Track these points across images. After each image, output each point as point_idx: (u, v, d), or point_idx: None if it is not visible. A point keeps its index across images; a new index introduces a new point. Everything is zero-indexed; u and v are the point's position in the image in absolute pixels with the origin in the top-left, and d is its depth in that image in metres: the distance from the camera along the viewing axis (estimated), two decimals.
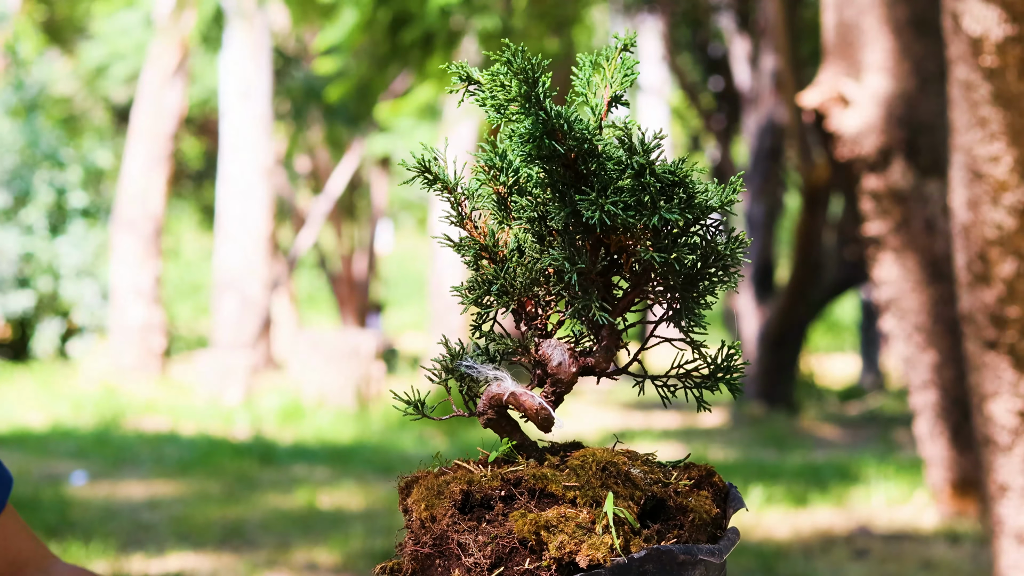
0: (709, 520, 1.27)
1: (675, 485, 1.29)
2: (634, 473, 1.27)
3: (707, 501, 1.29)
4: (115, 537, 6.07)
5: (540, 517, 1.22)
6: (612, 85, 1.42)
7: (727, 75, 16.02)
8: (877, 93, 6.66)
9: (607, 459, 1.28)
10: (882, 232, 6.65)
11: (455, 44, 9.99)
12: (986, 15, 3.41)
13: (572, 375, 1.33)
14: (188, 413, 11.97)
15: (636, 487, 1.26)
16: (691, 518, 1.26)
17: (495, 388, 1.33)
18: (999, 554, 3.99)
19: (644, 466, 1.30)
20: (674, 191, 1.30)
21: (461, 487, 1.27)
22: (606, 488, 1.25)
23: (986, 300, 3.84)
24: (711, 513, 1.28)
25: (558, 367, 1.33)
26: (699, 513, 1.27)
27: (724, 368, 1.40)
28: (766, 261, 14.11)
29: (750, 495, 7.33)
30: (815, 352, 18.96)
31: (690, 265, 1.31)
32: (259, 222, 15.40)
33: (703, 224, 1.32)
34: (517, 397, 1.32)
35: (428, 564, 1.25)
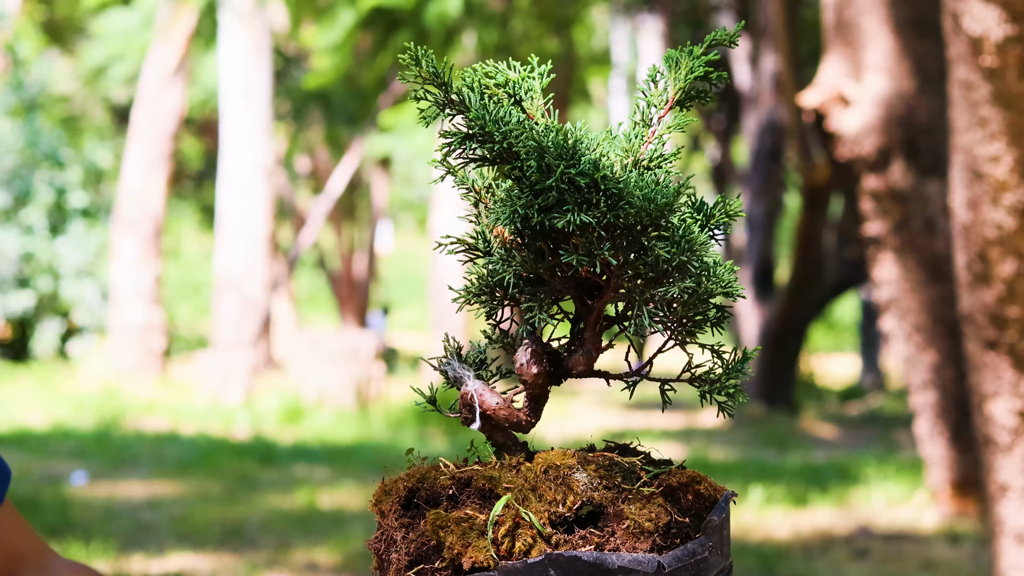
0: (652, 529, 1.25)
1: (628, 492, 1.27)
2: (576, 478, 1.27)
3: (655, 509, 1.26)
4: (115, 537, 6.07)
5: (443, 517, 1.23)
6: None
7: (727, 75, 15.99)
8: (877, 93, 6.66)
9: (557, 461, 1.28)
10: (882, 232, 6.65)
11: (453, 44, 10.00)
12: (986, 15, 3.41)
13: (533, 376, 1.33)
14: (188, 413, 11.97)
15: (571, 491, 1.26)
16: (625, 525, 1.25)
17: (462, 387, 1.36)
18: (999, 554, 3.99)
19: (602, 470, 1.28)
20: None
21: (408, 485, 1.29)
22: (537, 491, 1.25)
23: (986, 300, 3.85)
24: (657, 522, 1.25)
25: (520, 368, 1.34)
26: (636, 521, 1.25)
27: (730, 373, 1.38)
28: (766, 261, 14.11)
29: (750, 495, 7.33)
30: (815, 352, 18.96)
31: (652, 267, 1.31)
32: (259, 222, 15.40)
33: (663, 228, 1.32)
34: (479, 395, 1.34)
35: (382, 558, 1.28)
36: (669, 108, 1.40)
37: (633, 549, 1.24)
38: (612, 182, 1.28)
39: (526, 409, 1.35)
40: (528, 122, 1.32)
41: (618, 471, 1.30)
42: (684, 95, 1.41)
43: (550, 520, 1.24)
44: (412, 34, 9.59)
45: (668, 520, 1.26)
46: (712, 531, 1.27)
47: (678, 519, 1.27)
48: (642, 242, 1.30)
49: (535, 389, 1.34)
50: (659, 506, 1.27)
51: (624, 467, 1.31)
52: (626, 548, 1.24)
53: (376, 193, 23.00)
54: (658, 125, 1.39)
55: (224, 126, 15.63)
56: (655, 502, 1.27)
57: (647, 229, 1.30)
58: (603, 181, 1.27)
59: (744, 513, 6.91)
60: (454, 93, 1.34)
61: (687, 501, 1.29)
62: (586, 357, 1.35)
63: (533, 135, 1.29)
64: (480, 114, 1.32)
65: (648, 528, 1.25)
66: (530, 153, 1.28)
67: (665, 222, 1.29)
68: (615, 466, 1.30)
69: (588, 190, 1.28)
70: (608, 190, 1.28)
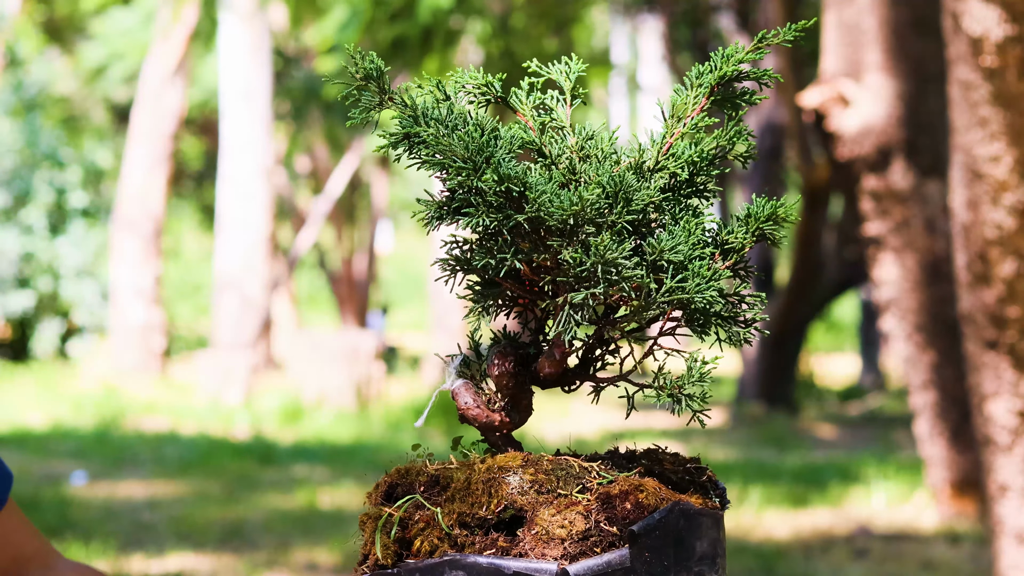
0: (564, 536, 1.24)
1: (555, 497, 1.26)
2: (507, 480, 1.27)
3: (571, 516, 1.25)
4: (115, 537, 6.07)
5: (376, 510, 1.29)
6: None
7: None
8: (877, 93, 6.66)
9: (501, 463, 1.29)
10: (882, 232, 6.65)
11: (454, 43, 10.00)
12: (986, 15, 3.41)
13: (496, 376, 1.35)
14: (188, 413, 11.97)
15: (496, 494, 1.26)
16: (535, 531, 1.24)
17: (444, 385, 1.37)
18: (999, 554, 3.99)
19: (541, 474, 1.28)
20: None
21: (391, 480, 1.32)
22: (468, 492, 1.28)
23: (986, 300, 3.84)
24: (570, 529, 1.24)
25: (487, 368, 1.35)
26: (545, 528, 1.24)
27: (689, 380, 1.35)
28: (766, 261, 14.11)
29: (750, 495, 7.33)
30: (815, 352, 18.96)
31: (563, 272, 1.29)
32: (259, 222, 15.40)
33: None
34: (454, 394, 1.36)
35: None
36: (701, 108, 1.40)
37: (542, 555, 1.23)
38: (521, 187, 1.27)
39: (502, 410, 1.36)
40: (458, 123, 1.33)
41: (561, 475, 1.29)
42: (718, 95, 1.41)
43: (468, 521, 1.25)
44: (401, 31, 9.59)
45: (586, 527, 1.25)
46: (640, 542, 1.23)
47: (604, 527, 1.25)
48: (552, 247, 1.28)
49: (503, 390, 1.35)
50: (577, 513, 1.25)
51: (572, 471, 1.30)
52: (534, 554, 1.23)
53: (376, 193, 23.00)
54: (680, 127, 1.39)
55: (224, 126, 15.62)
56: (574, 509, 1.25)
57: (554, 235, 1.28)
58: (512, 185, 1.27)
59: (744, 513, 6.91)
60: (400, 95, 1.35)
61: (623, 509, 1.27)
62: (549, 359, 1.35)
63: (454, 138, 1.30)
64: (408, 114, 1.33)
65: (559, 535, 1.24)
66: (444, 155, 1.30)
67: (582, 231, 1.27)
68: (560, 470, 1.29)
69: (494, 194, 1.28)
70: (511, 194, 1.27)
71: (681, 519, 1.26)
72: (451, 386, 1.37)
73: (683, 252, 1.30)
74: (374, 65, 1.36)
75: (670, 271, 1.29)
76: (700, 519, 1.27)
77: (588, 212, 1.27)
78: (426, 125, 1.33)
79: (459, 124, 1.34)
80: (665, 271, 1.30)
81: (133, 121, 16.45)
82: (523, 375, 1.36)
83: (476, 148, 1.29)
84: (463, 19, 9.91)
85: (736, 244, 1.34)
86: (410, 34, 9.51)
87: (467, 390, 1.36)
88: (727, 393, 15.54)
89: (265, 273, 15.39)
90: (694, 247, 1.32)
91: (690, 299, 1.30)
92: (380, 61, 1.37)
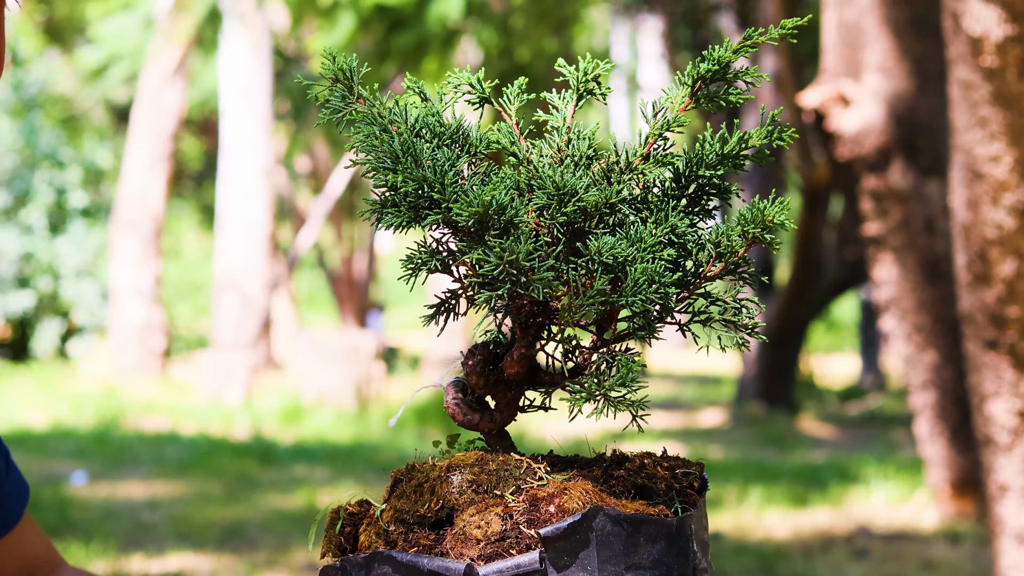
0: (481, 537, 1.25)
1: (485, 498, 1.28)
2: (451, 479, 1.30)
3: (489, 517, 1.27)
4: (115, 537, 6.07)
5: (340, 508, 1.36)
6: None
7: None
8: (877, 93, 6.66)
9: (458, 461, 1.32)
10: (882, 232, 6.65)
11: (452, 45, 10.00)
12: (986, 15, 3.41)
13: (467, 376, 1.36)
14: (188, 413, 11.97)
15: (434, 494, 1.29)
16: (455, 531, 1.27)
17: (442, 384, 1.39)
18: (999, 554, 3.99)
19: (483, 475, 1.30)
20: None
21: (398, 475, 1.36)
22: (419, 489, 1.31)
23: (986, 300, 3.84)
24: (486, 530, 1.26)
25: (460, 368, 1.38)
26: (464, 528, 1.26)
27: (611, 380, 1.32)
28: (766, 261, 14.11)
29: (750, 495, 7.33)
30: (815, 352, 18.96)
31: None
32: (259, 222, 15.40)
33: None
34: (445, 392, 1.38)
35: None
36: (685, 108, 1.41)
37: (460, 555, 1.25)
38: (439, 189, 1.30)
39: (481, 409, 1.36)
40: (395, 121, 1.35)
41: (504, 475, 1.30)
42: (699, 93, 1.41)
43: (407, 519, 1.29)
44: (413, 35, 9.59)
45: (502, 529, 1.26)
46: (557, 546, 1.23)
47: (524, 530, 1.25)
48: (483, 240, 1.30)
49: (476, 388, 1.36)
50: (495, 514, 1.26)
51: (516, 472, 1.30)
52: (453, 553, 1.25)
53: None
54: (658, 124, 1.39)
55: (224, 126, 15.63)
56: (493, 510, 1.26)
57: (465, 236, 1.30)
58: (430, 188, 1.30)
59: (744, 513, 6.91)
60: (370, 98, 1.38)
61: (546, 512, 1.27)
62: (509, 359, 1.36)
63: (384, 138, 1.33)
64: (367, 117, 1.36)
65: (475, 536, 1.26)
66: (374, 155, 1.33)
67: (495, 226, 1.28)
68: (504, 470, 1.30)
69: (416, 195, 1.31)
70: (430, 196, 1.30)
71: (609, 524, 1.25)
72: (442, 384, 1.38)
73: (620, 254, 1.29)
74: (345, 66, 1.38)
75: (598, 272, 1.28)
76: (639, 526, 1.25)
77: (492, 214, 1.27)
78: (371, 127, 1.35)
79: (397, 122, 1.36)
80: (607, 273, 1.29)
81: (133, 121, 16.45)
82: (494, 374, 1.37)
83: (402, 147, 1.31)
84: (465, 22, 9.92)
85: (726, 249, 1.33)
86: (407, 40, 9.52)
87: (452, 388, 1.37)
88: (727, 393, 15.54)
89: (265, 273, 15.40)
90: (648, 249, 1.30)
91: (626, 302, 1.28)
92: (350, 62, 1.39)
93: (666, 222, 1.33)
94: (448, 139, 1.38)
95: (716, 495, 7.36)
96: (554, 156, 1.38)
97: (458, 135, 1.38)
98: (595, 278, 1.28)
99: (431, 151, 1.33)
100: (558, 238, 1.30)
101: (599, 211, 1.31)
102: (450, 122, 1.38)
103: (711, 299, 1.35)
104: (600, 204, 1.31)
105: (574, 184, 1.30)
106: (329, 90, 1.40)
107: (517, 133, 1.40)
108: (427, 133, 1.38)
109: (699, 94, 1.40)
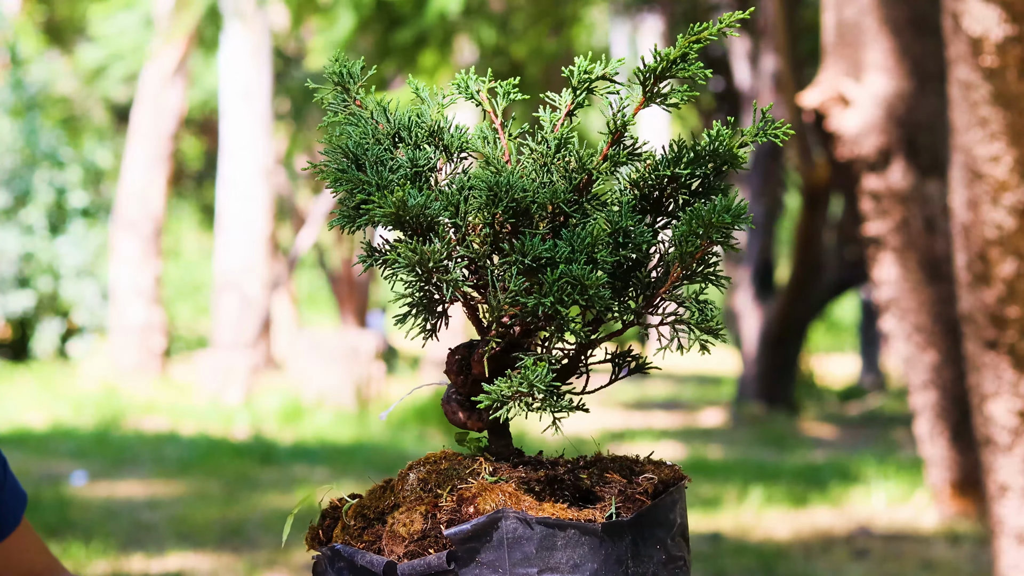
0: (405, 535, 1.29)
1: (423, 497, 1.32)
2: (409, 478, 1.35)
3: (413, 516, 1.30)
4: (115, 537, 6.07)
5: (306, 499, 1.44)
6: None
7: (727, 75, 16.02)
8: (877, 93, 6.66)
9: (420, 461, 1.37)
10: (882, 232, 6.65)
11: (450, 41, 10.00)
12: (986, 15, 3.41)
13: (447, 375, 1.39)
14: (188, 413, 11.97)
15: (392, 492, 1.35)
16: (384, 530, 1.32)
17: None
18: (999, 554, 3.99)
19: (434, 475, 1.34)
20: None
21: (408, 469, 1.41)
22: (391, 488, 1.37)
23: (986, 300, 3.84)
24: (409, 528, 1.29)
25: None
26: (392, 526, 1.31)
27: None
28: (766, 261, 14.10)
29: (750, 495, 7.33)
30: (815, 352, 18.96)
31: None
32: (259, 222, 15.40)
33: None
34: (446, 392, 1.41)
35: None
36: (640, 107, 1.41)
37: (391, 552, 1.29)
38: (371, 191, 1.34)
39: (471, 409, 1.38)
40: (359, 122, 1.40)
41: (452, 475, 1.33)
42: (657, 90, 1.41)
43: (367, 514, 1.35)
44: (412, 32, 9.58)
45: (423, 528, 1.29)
46: (467, 546, 1.25)
47: (444, 529, 1.28)
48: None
49: (459, 388, 1.38)
50: (419, 514, 1.30)
51: (461, 472, 1.33)
52: (387, 550, 1.29)
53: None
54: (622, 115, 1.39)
55: (224, 126, 15.62)
56: (418, 509, 1.30)
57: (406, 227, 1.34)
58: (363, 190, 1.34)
59: (744, 513, 6.91)
60: (367, 101, 1.41)
61: (466, 513, 1.29)
62: (474, 359, 1.37)
63: (341, 140, 1.38)
64: (352, 119, 1.40)
65: (401, 533, 1.30)
66: (332, 157, 1.39)
67: (426, 223, 1.32)
68: (452, 470, 1.33)
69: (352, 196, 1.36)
70: (372, 196, 1.34)
71: (520, 527, 1.25)
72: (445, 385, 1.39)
73: (543, 255, 1.29)
74: (343, 69, 1.40)
75: (513, 272, 1.30)
76: (554, 530, 1.25)
77: (407, 215, 1.30)
78: (347, 128, 1.40)
79: (360, 123, 1.38)
80: (530, 273, 1.30)
81: (133, 121, 16.45)
82: (472, 374, 1.38)
83: (355, 150, 1.35)
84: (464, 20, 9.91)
85: (681, 251, 1.32)
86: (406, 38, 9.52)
87: (450, 387, 1.38)
88: (727, 393, 15.54)
89: (265, 273, 15.40)
90: (582, 250, 1.30)
91: (536, 302, 1.29)
92: (351, 65, 1.41)
93: (615, 224, 1.33)
94: (423, 140, 1.40)
95: (716, 495, 7.36)
96: (525, 156, 1.38)
97: (434, 136, 1.39)
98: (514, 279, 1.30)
99: (378, 153, 1.36)
100: (490, 238, 1.31)
101: (541, 212, 1.31)
102: (428, 122, 1.39)
103: (677, 301, 1.35)
104: (543, 204, 1.31)
105: (508, 184, 1.30)
106: (332, 92, 1.41)
107: (502, 133, 1.40)
108: (406, 134, 1.39)
109: (650, 93, 1.40)
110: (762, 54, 14.33)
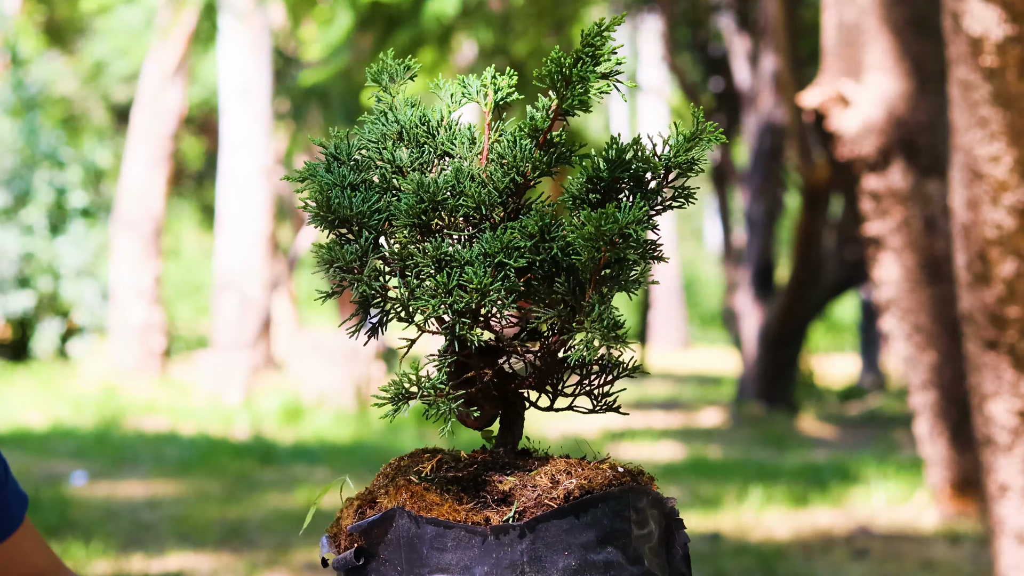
0: (345, 528, 1.36)
1: (384, 489, 1.38)
2: (383, 472, 1.41)
3: (350, 512, 1.37)
4: (115, 537, 6.08)
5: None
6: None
7: (727, 75, 16.02)
8: (877, 93, 6.66)
9: (402, 456, 1.43)
10: (882, 232, 6.65)
11: (448, 39, 10.01)
12: (986, 15, 3.41)
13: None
14: (188, 413, 11.97)
15: (371, 484, 1.41)
16: (339, 521, 1.40)
17: None
18: (999, 554, 3.99)
19: (393, 470, 1.40)
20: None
21: (440, 458, 1.45)
22: (385, 484, 1.41)
23: (986, 300, 3.84)
24: (346, 522, 1.36)
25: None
26: (339, 518, 1.39)
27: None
28: (766, 261, 14.10)
29: (750, 495, 7.33)
30: (815, 352, 18.95)
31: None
32: (259, 222, 15.39)
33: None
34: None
35: None
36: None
37: (340, 544, 1.37)
38: (336, 194, 1.39)
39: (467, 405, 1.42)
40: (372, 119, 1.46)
41: (405, 471, 1.38)
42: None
43: (356, 503, 1.40)
44: (410, 34, 9.59)
45: (357, 522, 1.35)
46: (371, 544, 1.29)
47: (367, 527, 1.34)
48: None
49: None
50: (354, 509, 1.37)
51: (416, 468, 1.38)
52: (341, 539, 1.37)
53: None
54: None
55: (224, 125, 15.62)
56: (354, 505, 1.37)
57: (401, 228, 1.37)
58: (326, 194, 1.39)
59: (744, 513, 6.91)
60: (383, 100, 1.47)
61: (372, 511, 1.36)
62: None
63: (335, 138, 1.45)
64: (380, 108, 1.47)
65: (344, 525, 1.38)
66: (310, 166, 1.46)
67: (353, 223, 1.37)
68: (412, 466, 1.38)
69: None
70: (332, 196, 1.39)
71: (413, 526, 1.27)
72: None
73: (446, 257, 1.32)
74: (386, 70, 1.45)
75: (414, 275, 1.34)
76: (443, 530, 1.26)
77: (350, 217, 1.36)
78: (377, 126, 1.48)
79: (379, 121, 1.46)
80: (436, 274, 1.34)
81: (133, 121, 16.45)
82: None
83: (333, 153, 1.41)
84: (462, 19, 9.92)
85: (586, 255, 1.30)
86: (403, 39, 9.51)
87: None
88: (727, 393, 15.54)
89: (265, 273, 15.39)
90: (492, 254, 1.30)
91: (424, 304, 1.33)
92: (396, 66, 1.46)
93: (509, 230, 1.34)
94: (423, 139, 1.42)
95: (716, 495, 7.36)
96: (496, 158, 1.39)
97: (427, 134, 1.42)
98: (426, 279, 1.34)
99: (369, 153, 1.42)
100: (410, 240, 1.35)
101: (472, 214, 1.33)
102: (432, 122, 1.42)
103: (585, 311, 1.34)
104: (468, 206, 1.32)
105: (435, 185, 1.33)
106: (375, 97, 1.47)
107: (487, 132, 1.40)
108: (404, 133, 1.43)
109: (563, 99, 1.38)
110: (762, 54, 14.32)
